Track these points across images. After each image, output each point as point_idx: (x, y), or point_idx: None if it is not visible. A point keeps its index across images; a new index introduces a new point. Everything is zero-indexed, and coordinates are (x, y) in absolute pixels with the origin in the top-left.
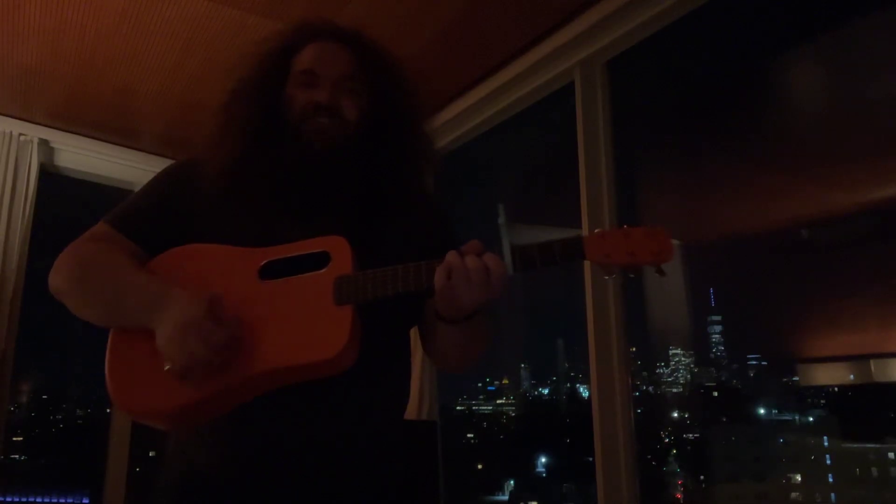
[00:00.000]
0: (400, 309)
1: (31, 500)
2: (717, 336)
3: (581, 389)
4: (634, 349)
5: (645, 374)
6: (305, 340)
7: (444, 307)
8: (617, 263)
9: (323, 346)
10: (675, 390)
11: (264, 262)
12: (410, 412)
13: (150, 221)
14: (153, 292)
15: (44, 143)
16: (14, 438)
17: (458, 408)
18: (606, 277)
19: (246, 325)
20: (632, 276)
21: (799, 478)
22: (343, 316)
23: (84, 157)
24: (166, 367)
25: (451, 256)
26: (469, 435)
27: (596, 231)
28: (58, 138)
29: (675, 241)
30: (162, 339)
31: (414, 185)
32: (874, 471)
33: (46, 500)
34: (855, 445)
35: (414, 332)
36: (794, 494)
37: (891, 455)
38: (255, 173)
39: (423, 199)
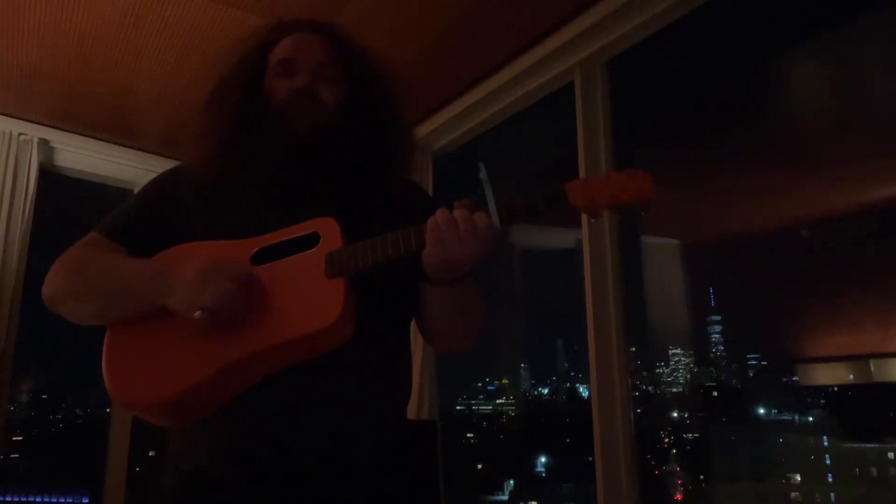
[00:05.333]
0: (397, 296)
1: (31, 499)
2: (717, 336)
3: (581, 389)
4: (634, 349)
5: (645, 374)
6: (301, 314)
7: (434, 266)
8: (601, 206)
9: (318, 316)
10: (674, 390)
11: (256, 249)
12: (410, 412)
13: (138, 226)
14: (157, 269)
15: (44, 143)
16: (14, 438)
17: (457, 408)
18: (592, 221)
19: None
20: (617, 216)
21: (799, 478)
22: (336, 287)
23: (84, 156)
24: (196, 315)
25: (440, 210)
26: (469, 435)
27: (578, 179)
28: (58, 138)
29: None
30: (183, 295)
31: (395, 168)
32: (874, 471)
33: (46, 499)
34: (855, 445)
35: (414, 332)
36: (793, 494)
37: (891, 455)
38: (240, 163)
39: (405, 181)
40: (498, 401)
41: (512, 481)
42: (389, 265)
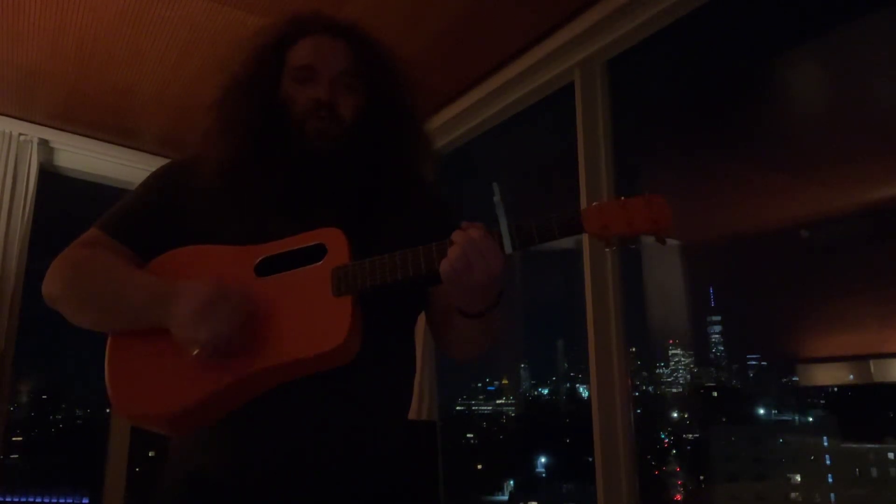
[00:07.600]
0: (402, 301)
1: (31, 500)
2: (717, 336)
3: (581, 389)
4: (634, 349)
5: (645, 374)
6: (306, 334)
7: (460, 291)
8: (616, 234)
9: (324, 338)
10: (675, 390)
11: (260, 258)
12: (410, 412)
13: (142, 224)
14: (159, 288)
15: (43, 143)
16: (13, 438)
17: (457, 408)
18: (607, 250)
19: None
20: (632, 246)
21: (799, 478)
22: (343, 306)
23: (83, 157)
24: (194, 352)
25: (456, 233)
26: (469, 435)
27: (593, 203)
28: (57, 138)
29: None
30: (181, 327)
31: (411, 178)
32: (874, 471)
33: (46, 500)
34: (854, 445)
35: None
36: (793, 494)
37: (890, 455)
38: (252, 171)
39: (422, 190)
40: (498, 401)
41: (512, 481)
42: (398, 286)
